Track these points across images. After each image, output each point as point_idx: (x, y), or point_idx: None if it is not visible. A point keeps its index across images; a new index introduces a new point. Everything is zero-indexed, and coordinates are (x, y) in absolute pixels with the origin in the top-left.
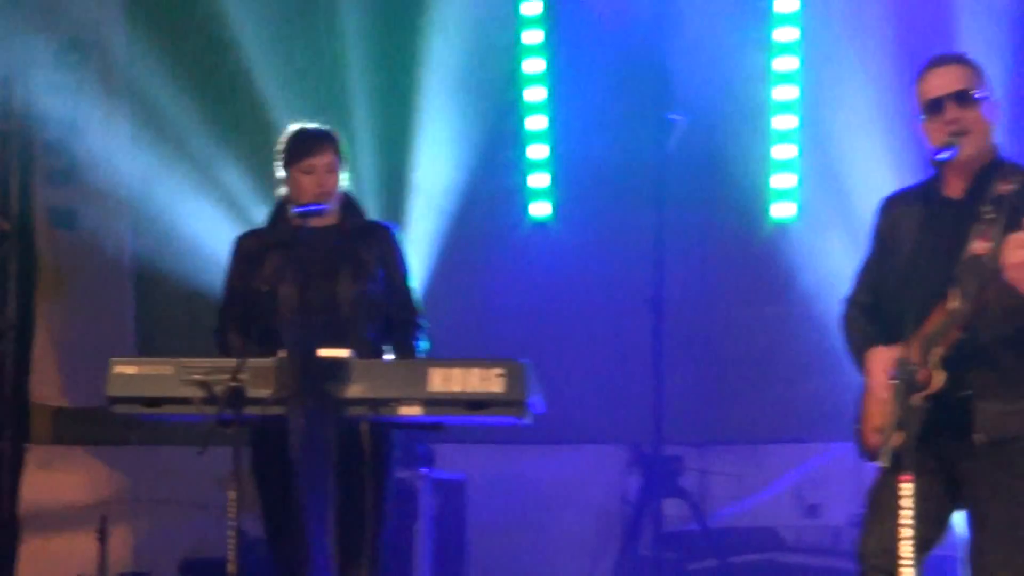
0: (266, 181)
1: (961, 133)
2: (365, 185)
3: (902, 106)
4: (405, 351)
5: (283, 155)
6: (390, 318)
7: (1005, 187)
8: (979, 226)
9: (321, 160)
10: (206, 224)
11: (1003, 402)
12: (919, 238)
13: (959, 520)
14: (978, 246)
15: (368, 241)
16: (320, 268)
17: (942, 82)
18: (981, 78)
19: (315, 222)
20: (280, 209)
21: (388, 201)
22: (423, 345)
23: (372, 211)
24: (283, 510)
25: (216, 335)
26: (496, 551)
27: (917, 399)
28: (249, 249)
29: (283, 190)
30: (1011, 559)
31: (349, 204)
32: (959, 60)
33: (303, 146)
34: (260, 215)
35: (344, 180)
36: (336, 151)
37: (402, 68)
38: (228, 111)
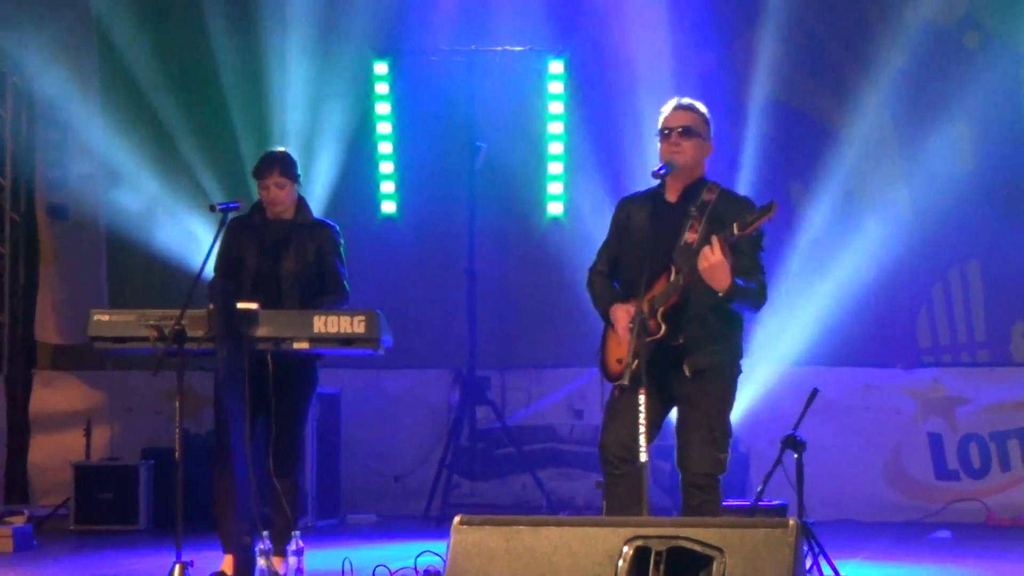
0: (222, 178)
1: (678, 154)
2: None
3: (637, 139)
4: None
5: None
6: (322, 289)
7: (708, 196)
8: (689, 221)
9: (269, 180)
10: (163, 214)
11: (704, 348)
12: (648, 228)
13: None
14: (689, 236)
15: (311, 233)
16: (272, 248)
17: (674, 118)
18: (704, 122)
19: (276, 215)
20: (255, 204)
21: None
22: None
23: None
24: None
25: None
26: (361, 443)
27: (647, 340)
28: (234, 229)
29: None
30: (705, 450)
31: (301, 205)
32: (692, 108)
33: (257, 169)
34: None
35: (295, 189)
36: (281, 172)
37: (296, 110)
38: (189, 118)
